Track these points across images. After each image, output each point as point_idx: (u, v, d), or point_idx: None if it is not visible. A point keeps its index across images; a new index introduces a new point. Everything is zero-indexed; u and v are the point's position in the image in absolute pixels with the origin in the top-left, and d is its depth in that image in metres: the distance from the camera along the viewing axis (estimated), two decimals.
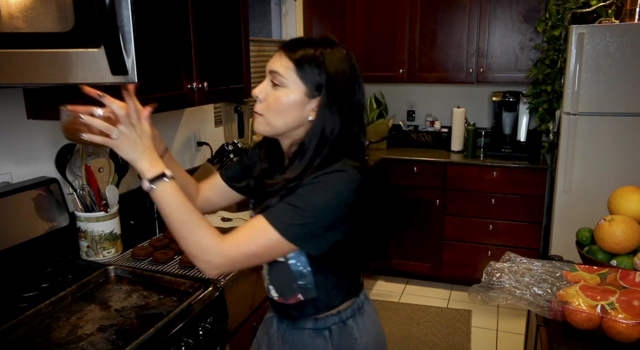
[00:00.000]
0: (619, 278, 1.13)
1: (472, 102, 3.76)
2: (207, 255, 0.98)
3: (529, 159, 3.33)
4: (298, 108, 1.03)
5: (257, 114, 1.06)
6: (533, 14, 3.25)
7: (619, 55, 2.64)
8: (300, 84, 1.02)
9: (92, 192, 1.63)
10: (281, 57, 1.03)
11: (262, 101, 1.05)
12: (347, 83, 1.04)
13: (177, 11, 1.73)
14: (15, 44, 0.89)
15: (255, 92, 1.05)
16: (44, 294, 1.39)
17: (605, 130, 2.75)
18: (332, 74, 1.02)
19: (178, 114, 2.34)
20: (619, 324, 1.00)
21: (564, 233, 2.87)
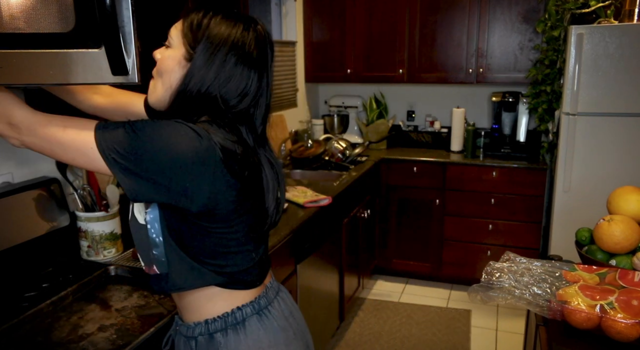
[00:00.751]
0: (618, 278, 1.13)
1: (471, 102, 3.76)
2: None
3: (528, 159, 3.34)
4: (177, 70, 1.01)
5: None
6: (532, 15, 3.26)
7: (618, 56, 2.65)
8: (181, 45, 1.01)
9: (93, 192, 1.63)
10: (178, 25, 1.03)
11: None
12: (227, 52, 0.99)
13: (177, 11, 1.73)
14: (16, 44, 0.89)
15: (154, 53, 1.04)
16: (44, 293, 1.39)
17: (605, 130, 2.76)
18: (212, 39, 0.99)
19: None
20: (618, 324, 1.01)
21: (563, 233, 2.88)
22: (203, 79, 0.98)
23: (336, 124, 3.91)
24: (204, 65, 0.98)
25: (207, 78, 0.98)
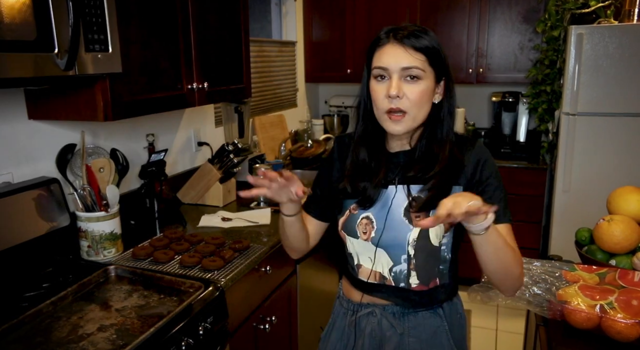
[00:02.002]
0: (618, 278, 1.13)
1: (471, 102, 3.76)
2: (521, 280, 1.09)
3: (528, 159, 3.34)
4: (431, 95, 1.11)
5: (397, 114, 1.08)
6: (532, 15, 3.26)
7: (618, 56, 2.65)
8: (432, 72, 1.09)
9: (93, 192, 1.63)
10: (408, 51, 1.07)
11: (400, 97, 1.07)
12: None
13: (177, 11, 1.73)
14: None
15: (393, 91, 1.06)
16: (44, 293, 1.39)
17: (604, 130, 2.76)
18: (444, 53, 1.11)
19: (178, 114, 2.35)
20: (618, 324, 1.01)
21: (563, 233, 2.88)
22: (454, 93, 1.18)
23: (336, 124, 3.91)
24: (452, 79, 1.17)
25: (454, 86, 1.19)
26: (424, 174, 1.12)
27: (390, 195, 1.15)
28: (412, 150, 1.16)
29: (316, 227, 1.31)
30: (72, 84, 1.47)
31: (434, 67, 1.09)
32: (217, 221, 2.06)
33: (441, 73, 1.11)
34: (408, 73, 1.06)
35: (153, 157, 2.00)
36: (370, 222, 1.16)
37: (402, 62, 1.06)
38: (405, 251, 1.13)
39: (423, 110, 1.09)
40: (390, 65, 1.07)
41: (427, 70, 1.07)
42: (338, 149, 1.28)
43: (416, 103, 1.07)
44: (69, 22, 1.18)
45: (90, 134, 1.81)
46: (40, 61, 1.16)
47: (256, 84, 3.07)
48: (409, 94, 1.06)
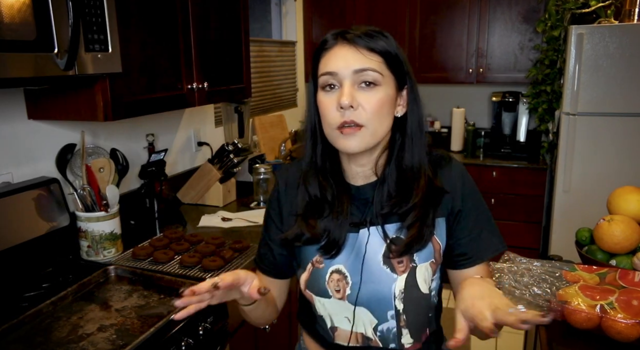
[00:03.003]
0: (618, 278, 1.13)
1: (471, 102, 3.76)
2: None
3: (528, 159, 3.34)
4: (393, 105, 0.93)
5: (351, 128, 0.88)
6: (532, 15, 3.26)
7: (618, 56, 2.65)
8: (391, 77, 0.92)
9: (93, 192, 1.63)
10: (361, 51, 0.89)
11: (354, 108, 0.88)
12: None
13: (177, 11, 1.73)
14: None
15: (345, 100, 0.86)
16: (44, 293, 1.39)
17: (605, 130, 2.75)
18: (404, 56, 0.94)
19: (178, 114, 2.34)
20: (618, 324, 1.01)
21: (563, 233, 2.88)
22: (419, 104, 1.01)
23: None
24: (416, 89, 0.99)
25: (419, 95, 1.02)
26: (399, 208, 0.93)
27: (363, 240, 0.95)
28: (380, 181, 0.95)
29: (279, 287, 1.10)
30: (72, 84, 1.47)
31: (394, 71, 0.91)
32: (217, 221, 2.06)
33: (402, 79, 0.94)
34: (362, 78, 0.88)
35: (153, 157, 2.00)
36: (343, 276, 0.95)
37: (353, 64, 0.88)
38: (392, 306, 0.95)
39: (384, 124, 0.91)
40: (340, 69, 0.88)
41: (386, 75, 0.90)
42: (284, 185, 1.04)
43: (375, 114, 0.88)
44: (68, 22, 1.18)
45: (90, 134, 1.81)
46: (40, 61, 1.16)
47: (256, 84, 3.07)
48: (365, 103, 0.88)
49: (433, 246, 0.96)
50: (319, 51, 0.93)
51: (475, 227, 0.98)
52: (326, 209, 0.96)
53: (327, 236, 0.95)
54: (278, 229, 1.04)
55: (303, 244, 0.98)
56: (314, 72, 0.94)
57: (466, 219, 0.97)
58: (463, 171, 0.99)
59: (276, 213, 1.05)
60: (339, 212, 0.95)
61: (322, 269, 0.97)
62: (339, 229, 0.95)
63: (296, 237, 0.98)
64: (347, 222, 0.95)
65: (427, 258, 0.95)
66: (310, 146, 0.98)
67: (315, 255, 0.97)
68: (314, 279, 0.98)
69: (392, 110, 0.92)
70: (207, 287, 0.83)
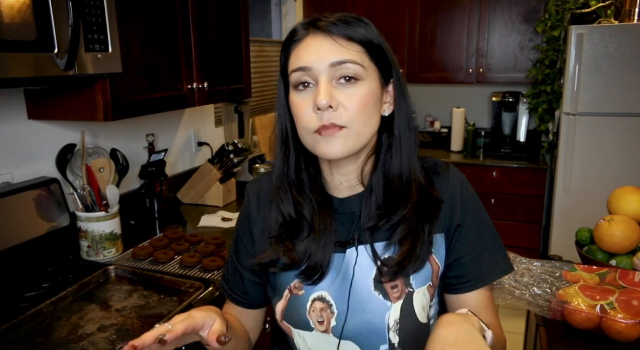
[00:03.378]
0: (618, 278, 1.13)
1: (471, 102, 3.76)
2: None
3: (528, 159, 3.34)
4: (378, 103, 0.80)
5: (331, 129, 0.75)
6: (532, 15, 3.26)
7: (618, 56, 2.65)
8: (374, 70, 0.79)
9: (93, 192, 1.63)
10: (337, 41, 0.75)
11: (334, 108, 0.75)
12: None
13: (177, 11, 1.73)
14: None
15: (322, 99, 0.73)
16: (44, 293, 1.39)
17: (605, 130, 2.76)
18: (387, 46, 0.81)
19: (178, 114, 2.34)
20: (618, 324, 1.01)
21: (563, 233, 2.88)
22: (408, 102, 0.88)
23: None
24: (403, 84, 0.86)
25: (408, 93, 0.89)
26: (387, 221, 0.80)
27: (350, 261, 0.81)
28: (367, 191, 0.82)
29: (252, 318, 0.95)
30: (72, 84, 1.47)
31: (377, 63, 0.78)
32: (217, 221, 2.06)
33: (387, 72, 0.81)
34: (341, 72, 0.75)
35: (153, 157, 2.00)
36: (327, 305, 0.81)
37: (329, 56, 0.74)
38: (385, 339, 0.80)
39: (370, 124, 0.78)
40: (314, 63, 0.75)
41: (368, 67, 0.77)
42: (255, 200, 0.91)
43: (358, 113, 0.75)
44: (68, 22, 1.18)
45: (90, 134, 1.81)
46: (40, 61, 1.16)
47: (256, 84, 3.07)
48: (346, 101, 0.75)
49: (431, 267, 0.83)
50: (287, 44, 0.80)
51: (477, 245, 0.84)
52: (305, 229, 0.82)
53: (307, 259, 0.81)
54: (248, 252, 0.90)
55: (280, 270, 0.83)
56: (283, 69, 0.81)
57: (466, 234, 0.84)
58: (462, 180, 0.87)
59: (246, 234, 0.90)
60: (321, 231, 0.81)
61: (301, 297, 0.82)
62: (322, 250, 0.81)
63: (270, 262, 0.83)
64: (331, 241, 0.81)
65: (425, 281, 0.82)
66: (282, 157, 0.85)
67: (293, 281, 0.83)
68: (292, 308, 0.83)
69: (377, 107, 0.80)
70: (151, 341, 0.67)
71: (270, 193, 0.87)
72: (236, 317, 0.94)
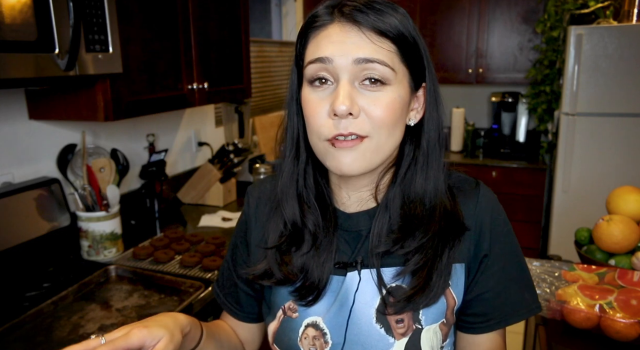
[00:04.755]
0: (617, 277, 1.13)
1: (471, 102, 3.77)
2: None
3: (527, 159, 3.35)
4: (406, 111, 0.69)
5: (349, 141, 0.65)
6: (532, 15, 3.26)
7: (617, 56, 2.65)
8: (405, 73, 0.67)
9: (93, 192, 1.64)
10: (367, 34, 0.63)
11: (354, 116, 0.64)
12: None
13: (177, 11, 1.74)
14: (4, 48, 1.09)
15: (340, 105, 0.62)
16: (45, 293, 1.39)
17: (604, 130, 2.76)
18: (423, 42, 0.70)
19: (178, 114, 2.35)
20: (617, 323, 1.01)
21: (562, 233, 2.88)
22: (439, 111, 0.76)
23: None
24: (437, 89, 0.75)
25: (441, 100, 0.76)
26: (401, 248, 0.69)
27: (351, 286, 0.72)
28: (380, 208, 0.71)
29: (248, 331, 0.87)
30: (73, 84, 1.48)
31: (409, 64, 0.67)
32: (217, 221, 2.06)
33: (419, 75, 0.69)
34: (366, 72, 0.64)
35: (153, 157, 2.00)
36: (321, 333, 0.72)
37: (355, 50, 0.63)
38: None
39: (393, 136, 0.67)
40: (335, 56, 0.63)
41: (399, 69, 0.65)
42: (254, 205, 0.82)
43: (382, 124, 0.65)
44: (69, 22, 1.19)
45: (90, 134, 1.81)
46: (41, 61, 1.16)
47: (256, 84, 3.08)
48: (370, 107, 0.64)
49: (447, 301, 0.71)
50: (306, 29, 0.68)
51: (504, 279, 0.73)
52: (305, 242, 0.73)
53: (303, 277, 0.72)
54: (244, 262, 0.82)
55: (273, 284, 0.75)
56: (298, 59, 0.70)
57: (493, 266, 0.72)
58: (494, 203, 0.76)
59: (243, 242, 0.83)
60: (322, 247, 0.72)
61: (295, 320, 0.74)
62: (320, 268, 0.72)
63: (264, 274, 0.75)
64: (331, 260, 0.72)
65: (437, 318, 0.70)
66: (292, 159, 0.74)
67: (288, 300, 0.75)
68: (283, 331, 0.75)
69: (404, 116, 0.68)
70: None
71: (272, 199, 0.78)
72: (231, 327, 0.87)
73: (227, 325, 0.87)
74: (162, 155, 2.03)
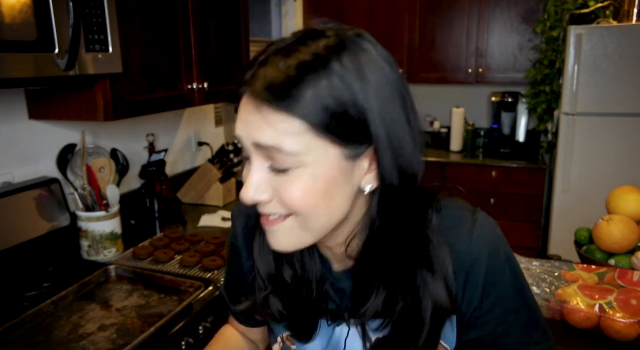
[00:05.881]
0: (617, 277, 1.13)
1: (471, 102, 3.77)
2: None
3: (527, 159, 3.35)
4: (343, 183, 0.58)
5: (272, 220, 0.59)
6: (532, 15, 3.26)
7: (617, 56, 2.65)
8: (330, 145, 0.55)
9: (93, 192, 1.64)
10: (267, 116, 0.54)
11: (268, 201, 0.58)
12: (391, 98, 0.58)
13: (177, 11, 1.73)
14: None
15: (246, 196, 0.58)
16: (45, 293, 1.39)
17: (604, 130, 2.76)
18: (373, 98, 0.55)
19: (179, 114, 2.35)
20: (617, 323, 1.01)
21: (562, 233, 2.88)
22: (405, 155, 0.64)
23: None
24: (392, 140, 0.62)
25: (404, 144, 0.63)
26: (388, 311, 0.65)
27: (341, 334, 0.72)
28: (357, 268, 0.66)
29: (261, 332, 0.89)
30: (73, 84, 1.48)
31: (337, 134, 0.54)
32: (217, 221, 2.06)
33: (361, 137, 0.56)
34: (269, 158, 0.56)
35: (153, 157, 2.00)
36: None
37: (254, 133, 0.55)
38: None
39: (324, 215, 0.58)
40: (242, 138, 0.57)
41: (315, 147, 0.54)
42: (242, 234, 0.77)
43: (301, 208, 0.56)
44: (69, 22, 1.19)
45: (90, 134, 1.81)
46: (41, 62, 1.16)
47: None
48: (283, 195, 0.56)
49: None
50: None
51: (504, 322, 0.67)
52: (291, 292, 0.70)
53: (296, 323, 0.72)
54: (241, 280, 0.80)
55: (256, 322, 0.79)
56: None
57: (488, 315, 0.67)
58: (493, 244, 0.67)
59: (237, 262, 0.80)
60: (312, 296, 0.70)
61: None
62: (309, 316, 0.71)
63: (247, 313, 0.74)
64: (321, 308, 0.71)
65: None
66: None
67: (286, 332, 0.75)
68: None
69: (340, 189, 0.57)
70: None
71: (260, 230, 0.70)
72: (242, 332, 0.88)
73: (235, 335, 0.89)
74: (162, 155, 2.03)
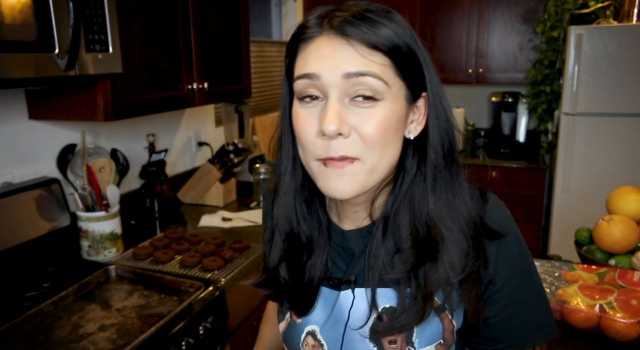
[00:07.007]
0: (617, 277, 1.13)
1: (471, 102, 3.77)
2: None
3: (527, 159, 3.35)
4: (402, 126, 0.64)
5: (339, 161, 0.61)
6: (532, 15, 3.26)
7: (617, 56, 2.65)
8: (401, 86, 0.62)
9: (93, 192, 1.64)
10: (356, 47, 0.59)
11: (345, 135, 0.60)
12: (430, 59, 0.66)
13: (177, 11, 1.74)
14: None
15: (328, 125, 0.59)
16: (45, 293, 1.39)
17: (604, 130, 2.76)
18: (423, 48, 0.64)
19: (178, 114, 2.35)
20: (617, 323, 1.01)
21: (562, 233, 2.88)
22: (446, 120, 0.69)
23: None
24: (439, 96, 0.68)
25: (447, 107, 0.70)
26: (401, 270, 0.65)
27: (345, 303, 0.70)
28: (376, 226, 0.68)
29: None
30: (73, 84, 1.48)
31: (405, 76, 0.62)
32: (217, 221, 2.06)
33: (418, 85, 0.64)
34: (357, 88, 0.59)
35: (153, 157, 2.00)
36: (319, 344, 0.72)
37: (345, 65, 0.59)
38: None
39: (387, 155, 0.62)
40: (323, 72, 0.59)
41: (393, 83, 0.60)
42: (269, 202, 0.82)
43: (376, 142, 0.60)
44: (69, 22, 1.19)
45: (90, 134, 1.81)
46: (41, 61, 1.16)
47: (256, 84, 3.08)
48: (362, 125, 0.60)
49: (443, 325, 0.67)
50: (295, 42, 0.64)
51: (514, 302, 0.68)
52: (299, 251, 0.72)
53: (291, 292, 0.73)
54: None
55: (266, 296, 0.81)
56: (289, 71, 0.66)
57: (501, 291, 0.67)
58: (504, 219, 0.70)
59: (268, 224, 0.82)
60: (314, 256, 0.72)
61: (298, 325, 0.74)
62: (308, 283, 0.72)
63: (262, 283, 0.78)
64: (320, 271, 0.72)
65: (433, 340, 0.67)
66: (290, 175, 0.73)
67: None
68: (290, 333, 0.76)
69: (400, 132, 0.64)
70: None
71: None
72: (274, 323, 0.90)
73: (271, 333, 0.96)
74: (162, 155, 2.03)
